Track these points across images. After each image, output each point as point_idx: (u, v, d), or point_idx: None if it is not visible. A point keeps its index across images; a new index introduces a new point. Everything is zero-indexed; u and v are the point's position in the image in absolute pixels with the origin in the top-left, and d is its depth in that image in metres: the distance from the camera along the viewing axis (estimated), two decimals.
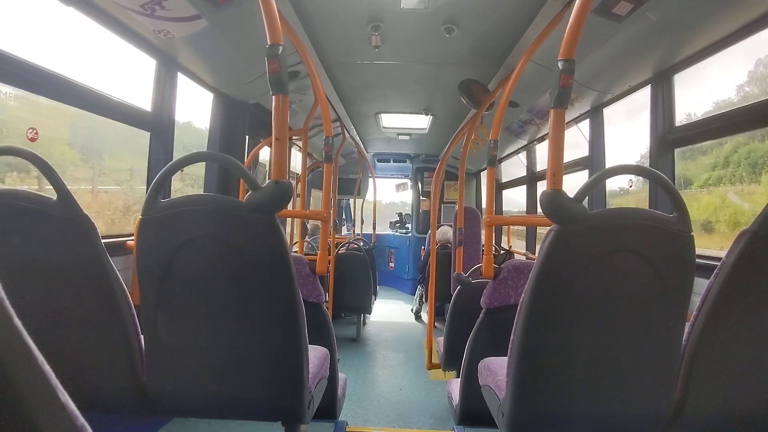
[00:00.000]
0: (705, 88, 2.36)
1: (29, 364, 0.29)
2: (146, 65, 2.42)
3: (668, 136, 2.40)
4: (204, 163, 3.10)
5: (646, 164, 2.56)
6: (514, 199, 5.80)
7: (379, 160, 7.62)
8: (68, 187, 1.24)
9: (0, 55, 1.60)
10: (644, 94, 2.55)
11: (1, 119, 1.89)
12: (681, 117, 2.39)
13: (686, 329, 1.25)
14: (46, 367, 0.29)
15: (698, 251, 1.22)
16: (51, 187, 1.24)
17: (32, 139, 1.79)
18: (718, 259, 1.19)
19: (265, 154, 3.93)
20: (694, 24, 1.91)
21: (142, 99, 2.44)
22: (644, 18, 1.88)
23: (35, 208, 1.20)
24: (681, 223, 1.18)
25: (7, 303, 0.28)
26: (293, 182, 4.63)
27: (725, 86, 2.28)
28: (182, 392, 1.37)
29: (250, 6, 1.99)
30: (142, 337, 1.35)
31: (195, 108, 3.10)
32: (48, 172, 1.22)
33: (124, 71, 2.44)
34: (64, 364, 0.30)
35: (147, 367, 1.35)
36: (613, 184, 3.28)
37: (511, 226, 5.21)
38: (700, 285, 1.22)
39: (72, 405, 0.30)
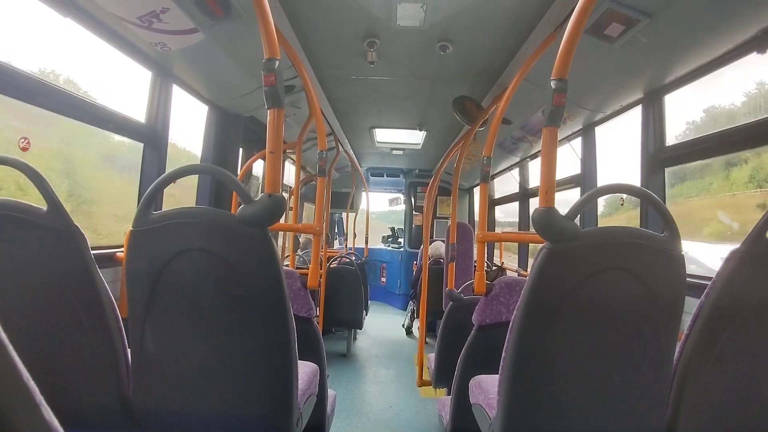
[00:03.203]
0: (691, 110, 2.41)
1: (12, 378, 0.28)
2: (142, 76, 2.42)
3: (659, 156, 2.43)
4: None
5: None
6: (505, 211, 5.83)
7: (372, 175, 7.63)
8: None
9: None
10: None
11: None
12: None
13: (677, 348, 1.25)
14: (31, 383, 0.29)
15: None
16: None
17: (24, 149, 1.77)
18: (709, 278, 1.20)
19: (258, 167, 3.92)
20: (684, 47, 1.95)
21: (135, 108, 2.43)
22: (635, 40, 1.92)
23: (24, 218, 1.18)
24: (671, 242, 1.19)
25: None
26: (286, 195, 4.62)
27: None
28: (168, 408, 1.33)
29: (247, 20, 2.00)
30: (129, 351, 1.33)
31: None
32: (39, 181, 1.21)
33: (119, 81, 2.44)
34: (48, 377, 0.29)
35: (133, 381, 1.32)
36: (616, 195, 3.29)
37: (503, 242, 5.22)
38: (691, 304, 1.22)
39: (56, 422, 0.29)
